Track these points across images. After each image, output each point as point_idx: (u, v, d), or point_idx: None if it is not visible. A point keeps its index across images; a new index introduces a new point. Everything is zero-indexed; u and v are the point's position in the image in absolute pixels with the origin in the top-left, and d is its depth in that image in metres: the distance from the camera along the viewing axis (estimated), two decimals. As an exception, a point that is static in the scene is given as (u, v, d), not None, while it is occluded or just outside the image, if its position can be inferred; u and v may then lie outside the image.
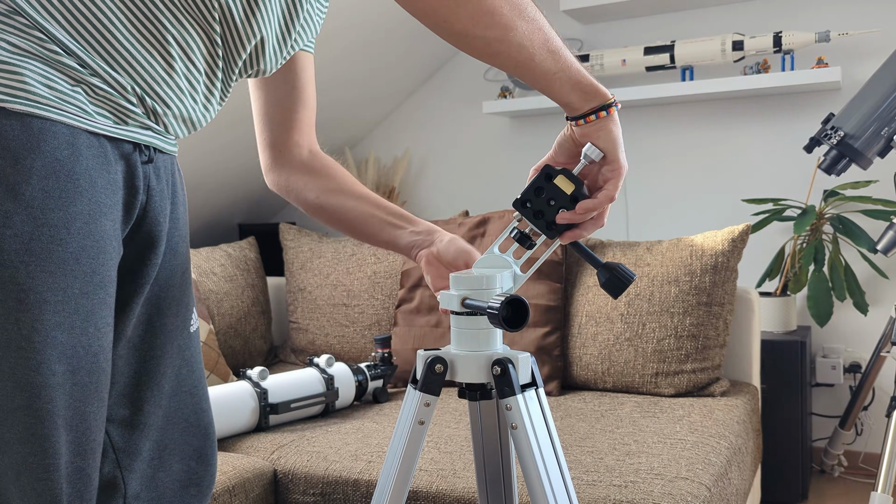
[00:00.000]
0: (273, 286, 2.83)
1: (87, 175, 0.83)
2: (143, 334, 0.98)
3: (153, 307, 0.99)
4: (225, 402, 1.85)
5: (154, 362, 0.99)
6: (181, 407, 1.02)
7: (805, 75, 2.58)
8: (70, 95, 0.83)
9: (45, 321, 0.80)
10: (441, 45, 3.18)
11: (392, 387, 2.30)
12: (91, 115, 0.84)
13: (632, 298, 2.13)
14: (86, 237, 0.82)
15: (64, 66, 0.83)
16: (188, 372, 1.03)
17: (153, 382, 0.98)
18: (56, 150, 0.81)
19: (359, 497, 1.64)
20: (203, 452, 1.04)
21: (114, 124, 0.87)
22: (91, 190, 0.83)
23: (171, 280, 1.00)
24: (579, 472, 1.56)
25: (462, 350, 0.99)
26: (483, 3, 0.88)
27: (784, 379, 2.41)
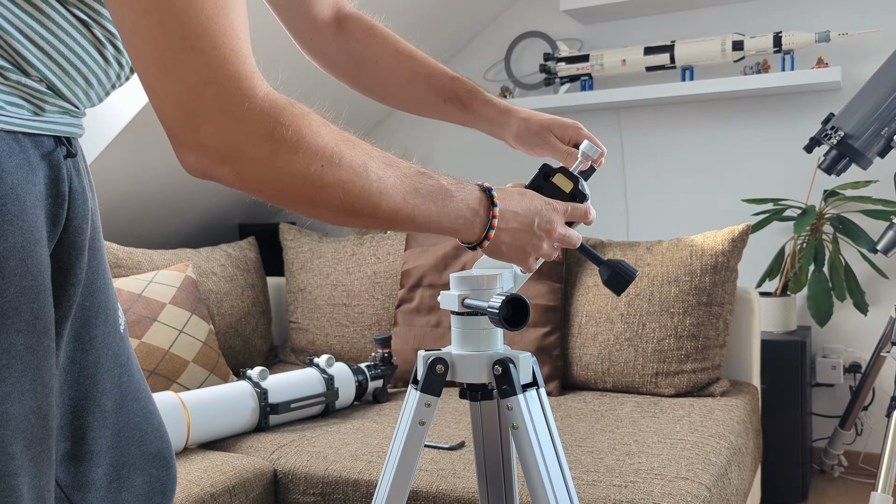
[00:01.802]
0: (273, 286, 2.83)
1: (14, 196, 0.66)
2: (73, 354, 0.83)
3: (79, 321, 0.84)
4: (225, 402, 1.85)
5: (89, 382, 0.85)
6: (131, 417, 0.90)
7: (805, 75, 2.58)
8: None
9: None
10: (440, 44, 3.18)
11: (392, 387, 2.30)
12: (2, 108, 0.68)
13: (632, 298, 2.13)
14: (24, 276, 0.67)
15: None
16: (128, 378, 0.90)
17: (93, 405, 0.85)
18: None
19: (359, 497, 1.64)
20: (162, 455, 0.93)
21: (30, 115, 0.71)
22: (21, 215, 0.67)
23: (94, 284, 0.86)
24: (579, 472, 1.56)
25: (463, 350, 0.99)
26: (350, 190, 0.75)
27: (784, 379, 2.41)
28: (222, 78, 0.64)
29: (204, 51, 0.63)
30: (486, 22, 3.20)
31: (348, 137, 0.75)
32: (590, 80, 2.92)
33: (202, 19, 0.62)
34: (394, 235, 2.58)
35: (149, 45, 0.63)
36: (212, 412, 1.81)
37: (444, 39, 3.17)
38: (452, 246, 2.33)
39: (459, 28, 3.15)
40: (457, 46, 3.25)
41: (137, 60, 0.64)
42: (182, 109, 0.64)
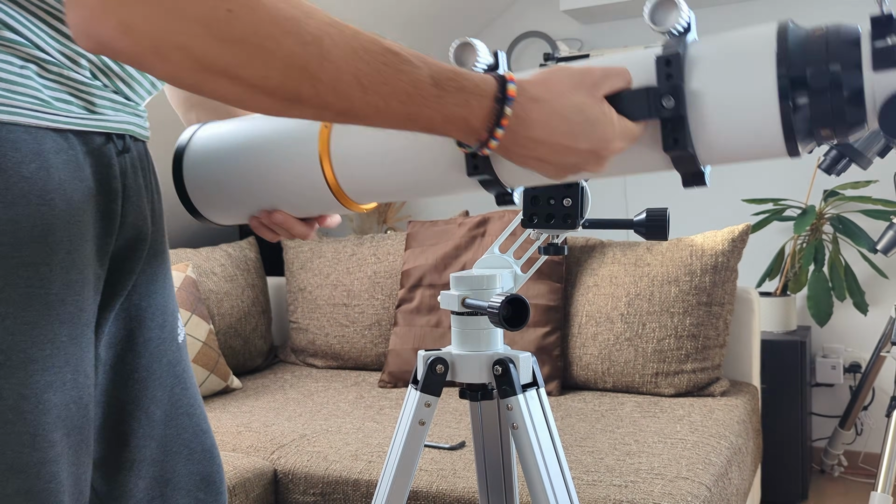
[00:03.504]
0: (273, 286, 2.83)
1: (61, 191, 0.66)
2: (122, 354, 0.81)
3: (133, 321, 0.82)
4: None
5: (139, 386, 0.82)
6: (180, 432, 0.86)
7: (805, 75, 2.57)
8: (19, 83, 0.65)
9: (35, 384, 0.65)
10: (440, 44, 3.18)
11: (392, 387, 2.30)
12: (50, 105, 0.67)
13: (632, 298, 2.13)
14: (69, 270, 0.67)
15: (5, 43, 0.65)
16: (182, 390, 0.87)
17: (140, 411, 0.82)
18: (20, 166, 0.64)
19: (359, 497, 1.64)
20: (210, 480, 0.89)
21: (81, 112, 0.70)
22: (68, 210, 0.67)
23: (153, 286, 0.84)
24: (580, 471, 1.56)
25: (463, 350, 0.99)
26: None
27: (784, 379, 2.41)
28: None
29: None
30: (486, 22, 3.20)
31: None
32: (590, 80, 2.92)
33: None
34: (394, 235, 2.58)
35: None
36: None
37: (444, 40, 3.17)
38: (452, 246, 2.33)
39: (459, 28, 3.15)
40: (457, 46, 3.25)
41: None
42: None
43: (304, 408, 2.09)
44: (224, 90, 0.58)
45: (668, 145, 0.68)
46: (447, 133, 0.66)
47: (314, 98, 0.59)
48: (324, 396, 2.20)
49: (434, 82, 0.63)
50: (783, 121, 0.64)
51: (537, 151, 0.67)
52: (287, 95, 0.58)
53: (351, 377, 2.42)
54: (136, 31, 0.54)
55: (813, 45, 0.65)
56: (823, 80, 0.64)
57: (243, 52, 0.56)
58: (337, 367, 2.54)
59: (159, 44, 0.55)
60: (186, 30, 0.55)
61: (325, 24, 0.58)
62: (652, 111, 0.67)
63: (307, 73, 0.57)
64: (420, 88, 0.62)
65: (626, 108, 0.67)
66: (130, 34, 0.54)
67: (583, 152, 0.67)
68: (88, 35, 0.55)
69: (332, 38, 0.58)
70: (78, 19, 0.55)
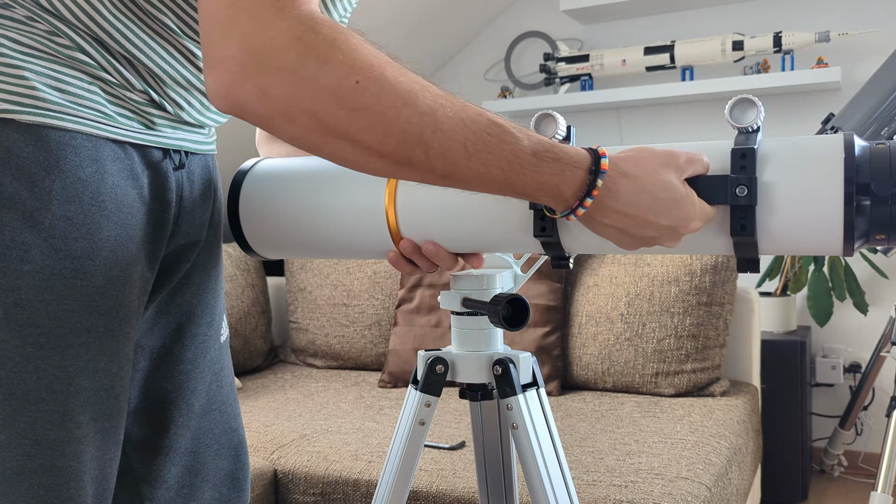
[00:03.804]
0: (273, 286, 2.83)
1: (113, 195, 0.72)
2: (171, 345, 0.87)
3: (184, 315, 0.88)
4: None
5: (184, 377, 0.88)
6: (212, 427, 0.92)
7: (805, 75, 2.58)
8: (86, 98, 0.71)
9: (68, 367, 0.70)
10: (440, 44, 3.18)
11: (392, 387, 2.30)
12: (114, 119, 0.74)
13: (632, 298, 2.13)
14: (112, 267, 0.73)
15: (76, 62, 0.72)
16: (217, 387, 0.93)
17: (182, 401, 0.88)
18: (78, 169, 0.70)
19: (359, 497, 1.64)
20: (235, 476, 0.95)
21: (141, 128, 0.76)
22: (118, 212, 0.73)
23: (205, 286, 0.90)
24: (580, 471, 1.56)
25: (463, 350, 0.99)
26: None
27: (784, 379, 2.41)
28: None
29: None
30: (486, 22, 3.20)
31: (399, 65, 0.64)
32: (590, 80, 2.92)
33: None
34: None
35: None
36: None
37: (444, 39, 3.17)
38: (452, 246, 2.33)
39: (459, 28, 3.15)
40: (457, 46, 3.25)
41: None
42: (215, 20, 0.60)
43: (304, 408, 2.09)
44: (342, 152, 0.63)
45: (735, 231, 0.73)
46: (538, 199, 0.71)
47: (424, 163, 0.64)
48: (324, 396, 2.20)
49: (533, 152, 0.67)
50: (846, 223, 0.71)
51: (620, 223, 0.72)
52: (400, 159, 0.63)
53: (351, 377, 2.42)
54: (271, 96, 0.59)
55: (878, 159, 0.72)
56: (886, 191, 0.70)
57: (366, 119, 0.61)
58: (337, 367, 2.54)
59: (290, 108, 0.60)
60: (316, 97, 0.60)
61: (438, 96, 0.64)
62: (727, 198, 0.72)
63: (421, 140, 0.63)
64: (519, 157, 0.67)
65: (703, 192, 0.73)
66: (266, 99, 0.60)
67: (662, 228, 0.72)
68: (226, 97, 0.60)
69: (445, 109, 0.64)
70: (217, 83, 0.60)
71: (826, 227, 0.72)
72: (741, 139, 0.75)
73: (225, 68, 0.60)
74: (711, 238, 0.76)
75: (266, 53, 0.59)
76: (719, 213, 0.74)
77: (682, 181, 0.72)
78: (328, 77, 0.59)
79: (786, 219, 0.72)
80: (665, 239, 0.73)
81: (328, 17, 0.64)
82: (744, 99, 0.75)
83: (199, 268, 0.89)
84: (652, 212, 0.71)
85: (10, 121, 0.67)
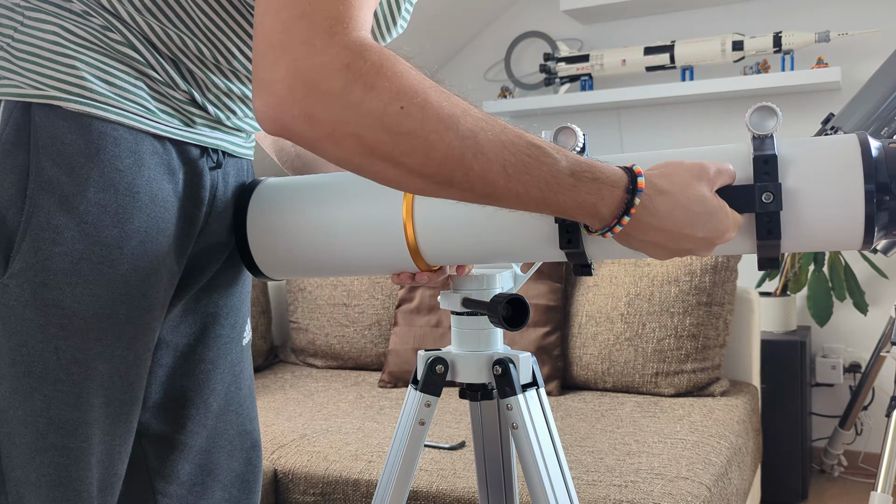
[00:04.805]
0: (273, 286, 2.83)
1: (147, 188, 0.75)
2: (194, 344, 0.89)
3: (209, 316, 0.90)
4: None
5: (203, 376, 0.90)
6: (227, 428, 0.93)
7: (805, 75, 2.58)
8: (132, 92, 0.74)
9: (87, 350, 0.72)
10: (441, 44, 3.18)
11: (392, 387, 2.30)
12: (155, 115, 0.76)
13: (632, 298, 2.13)
14: (139, 257, 0.75)
15: (125, 57, 0.74)
16: (236, 389, 0.94)
17: (200, 400, 0.90)
18: (117, 159, 0.72)
19: (359, 497, 1.64)
20: (246, 479, 0.96)
21: (181, 125, 0.78)
22: (151, 205, 0.75)
23: (232, 288, 0.93)
24: (580, 471, 1.56)
25: (463, 350, 0.99)
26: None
27: (784, 379, 2.41)
28: (318, 15, 0.61)
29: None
30: (486, 22, 3.20)
31: (442, 89, 0.66)
32: (590, 80, 2.92)
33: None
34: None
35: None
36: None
37: (444, 39, 3.17)
38: (452, 246, 2.33)
39: (459, 28, 3.15)
40: (457, 46, 3.25)
41: (256, 8, 0.64)
42: (268, 44, 0.62)
43: (304, 408, 2.09)
44: (385, 173, 0.65)
45: (761, 235, 0.76)
46: (575, 217, 0.73)
47: (464, 183, 0.66)
48: (324, 396, 2.20)
49: (571, 172, 0.69)
50: (867, 221, 0.74)
51: (657, 238, 0.74)
52: (441, 180, 0.65)
53: (351, 377, 2.42)
54: (318, 120, 0.61)
55: (893, 157, 0.75)
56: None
57: (409, 142, 0.62)
58: (337, 367, 2.54)
59: (336, 132, 0.61)
60: (362, 122, 0.61)
61: (479, 119, 0.65)
62: (755, 206, 0.75)
63: (463, 163, 0.64)
64: (558, 178, 0.68)
65: (732, 201, 0.76)
66: (312, 123, 0.61)
67: (698, 240, 0.74)
68: (275, 120, 0.62)
69: (486, 133, 0.65)
70: (266, 106, 0.62)
71: (847, 225, 0.75)
72: (758, 144, 0.77)
73: (273, 92, 0.61)
74: (737, 242, 0.79)
75: (314, 79, 0.60)
76: (745, 218, 0.76)
77: (714, 193, 0.74)
78: (374, 102, 0.61)
79: (809, 220, 0.75)
80: (700, 249, 0.76)
81: (378, 43, 0.65)
82: (764, 107, 0.78)
83: (227, 270, 0.91)
84: (688, 226, 0.73)
85: (57, 108, 0.70)
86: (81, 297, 0.71)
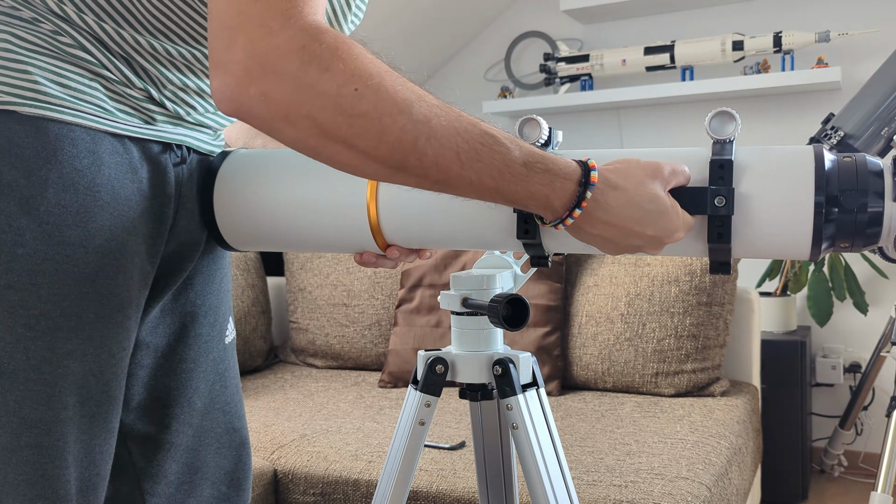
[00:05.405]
0: (273, 286, 2.83)
1: (109, 186, 0.74)
2: (174, 344, 0.89)
3: (187, 315, 0.90)
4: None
5: (185, 376, 0.90)
6: (214, 426, 0.94)
7: (805, 75, 2.58)
8: (87, 93, 0.74)
9: (57, 349, 0.72)
10: (440, 45, 3.18)
11: (392, 387, 2.30)
12: (113, 114, 0.76)
13: (632, 298, 2.13)
14: (105, 256, 0.75)
15: (78, 59, 0.74)
16: (221, 387, 0.95)
17: (184, 399, 0.90)
18: (75, 160, 0.72)
19: (359, 497, 1.64)
20: (235, 476, 0.96)
21: (140, 123, 0.78)
22: (113, 203, 0.75)
23: (209, 286, 0.92)
24: (580, 471, 1.56)
25: (463, 350, 0.99)
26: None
27: (784, 379, 2.41)
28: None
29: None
30: (486, 22, 3.20)
31: (397, 74, 0.66)
32: (590, 80, 2.92)
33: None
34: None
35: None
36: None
37: (444, 39, 3.17)
38: (452, 246, 2.33)
39: (459, 28, 3.15)
40: (457, 46, 3.25)
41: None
42: (223, 26, 0.63)
43: (304, 408, 2.09)
44: (339, 156, 0.65)
45: (712, 238, 0.77)
46: (527, 207, 0.73)
47: (417, 169, 0.66)
48: (324, 396, 2.20)
49: (524, 163, 0.70)
50: (814, 232, 0.75)
51: (607, 232, 0.75)
52: (394, 165, 0.66)
53: (351, 377, 2.42)
54: (274, 100, 0.62)
55: (845, 171, 0.76)
56: (853, 203, 0.75)
57: (363, 125, 0.63)
58: (337, 367, 2.54)
59: (291, 113, 0.62)
60: (317, 103, 0.62)
61: (434, 105, 0.66)
62: (707, 208, 0.76)
63: (416, 147, 0.65)
64: (511, 167, 0.69)
65: (685, 202, 0.77)
66: (268, 103, 0.62)
67: (648, 237, 0.75)
68: (231, 100, 0.63)
69: (440, 118, 0.66)
70: (222, 86, 0.63)
71: (797, 236, 0.76)
72: (717, 149, 0.78)
73: (230, 72, 0.62)
74: (688, 244, 0.80)
75: (270, 60, 0.61)
76: (697, 220, 0.77)
77: (667, 193, 0.75)
78: (328, 84, 0.62)
79: (759, 227, 0.76)
80: (649, 247, 0.76)
81: (335, 28, 0.66)
82: (724, 112, 0.79)
83: (203, 269, 0.91)
84: (639, 223, 0.74)
85: (12, 112, 0.70)
86: (47, 298, 0.71)
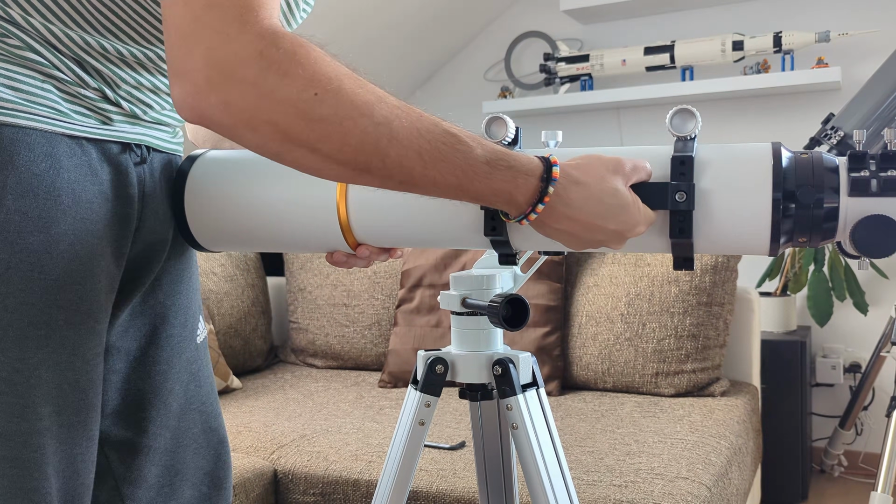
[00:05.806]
0: (273, 286, 2.83)
1: (69, 190, 0.73)
2: (146, 347, 0.88)
3: (157, 317, 0.89)
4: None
5: (160, 378, 0.89)
6: (191, 426, 0.93)
7: (805, 75, 2.58)
8: (40, 95, 0.72)
9: (28, 359, 0.71)
10: (440, 45, 3.18)
11: (392, 387, 2.30)
12: (68, 116, 0.74)
13: (632, 298, 2.13)
14: (71, 261, 0.73)
15: (28, 62, 0.72)
16: (196, 387, 0.94)
17: (159, 401, 0.89)
18: (32, 164, 0.70)
19: (359, 497, 1.64)
20: (216, 476, 0.96)
21: (97, 124, 0.77)
22: (75, 207, 0.73)
23: (178, 286, 0.92)
24: (580, 471, 1.56)
25: (463, 350, 0.99)
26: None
27: (784, 379, 2.41)
28: (227, 4, 0.62)
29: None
30: (486, 22, 3.20)
31: (357, 77, 0.66)
32: (590, 80, 2.92)
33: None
34: (394, 235, 2.58)
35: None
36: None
37: (444, 40, 3.18)
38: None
39: (459, 28, 3.15)
40: (457, 46, 3.25)
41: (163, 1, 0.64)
42: (180, 34, 0.62)
43: (304, 408, 2.09)
44: (303, 160, 0.66)
45: (673, 233, 0.78)
46: (492, 204, 0.74)
47: (381, 170, 0.67)
48: (324, 396, 2.20)
49: (486, 160, 0.71)
50: (772, 227, 0.77)
51: (570, 227, 0.75)
52: (358, 167, 0.66)
53: (351, 377, 2.42)
54: (235, 107, 0.62)
55: (802, 168, 0.78)
56: (809, 198, 0.76)
57: (324, 129, 0.64)
58: (337, 367, 2.54)
59: (253, 119, 0.63)
60: (277, 108, 0.62)
61: (394, 107, 0.67)
62: (668, 203, 0.78)
63: (378, 149, 0.66)
64: (473, 166, 0.70)
65: (646, 197, 0.78)
66: (230, 110, 0.62)
67: (610, 232, 0.76)
68: (192, 108, 0.63)
69: (401, 119, 0.67)
70: (183, 94, 0.63)
71: (756, 231, 0.78)
72: (679, 146, 0.80)
73: (190, 80, 0.62)
74: (651, 239, 0.81)
75: (229, 67, 0.61)
76: (660, 217, 0.79)
77: (628, 188, 0.76)
78: (288, 89, 0.62)
79: (719, 222, 0.78)
80: (611, 241, 0.78)
81: (288, 30, 0.66)
82: (684, 109, 0.81)
83: (170, 269, 0.90)
84: (600, 217, 0.75)
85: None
86: (14, 307, 0.70)
